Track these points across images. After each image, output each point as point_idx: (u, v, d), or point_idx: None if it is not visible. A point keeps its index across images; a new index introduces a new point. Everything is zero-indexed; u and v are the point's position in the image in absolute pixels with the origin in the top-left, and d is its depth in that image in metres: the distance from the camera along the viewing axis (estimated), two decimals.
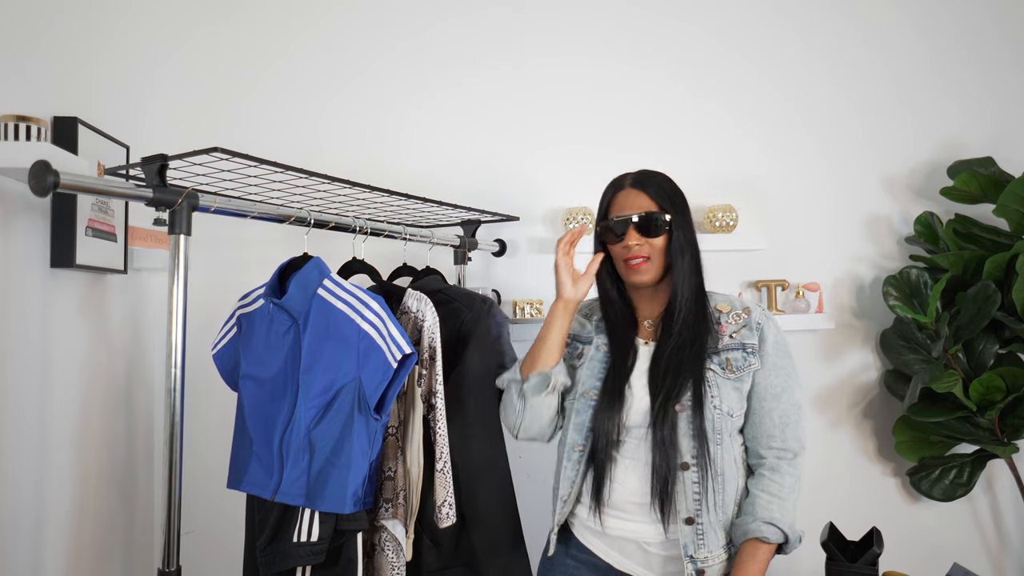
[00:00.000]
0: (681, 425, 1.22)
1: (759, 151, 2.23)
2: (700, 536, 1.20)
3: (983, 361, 2.02)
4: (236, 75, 2.04)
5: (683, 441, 1.21)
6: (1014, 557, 2.22)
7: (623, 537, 1.26)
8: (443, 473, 1.36)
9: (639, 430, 1.25)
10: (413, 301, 1.43)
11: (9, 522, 1.31)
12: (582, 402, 1.30)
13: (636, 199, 1.31)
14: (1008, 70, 2.31)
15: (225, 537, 1.66)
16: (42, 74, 1.46)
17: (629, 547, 1.26)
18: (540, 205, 2.16)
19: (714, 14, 2.24)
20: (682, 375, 1.24)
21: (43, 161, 0.96)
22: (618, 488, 1.25)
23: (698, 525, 1.20)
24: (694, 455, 1.21)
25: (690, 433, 1.21)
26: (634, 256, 1.29)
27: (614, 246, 1.33)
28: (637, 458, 1.25)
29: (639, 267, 1.29)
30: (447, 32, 2.15)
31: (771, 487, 1.25)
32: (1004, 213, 2.01)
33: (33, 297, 1.38)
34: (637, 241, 1.28)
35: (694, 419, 1.22)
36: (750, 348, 1.29)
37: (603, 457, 1.25)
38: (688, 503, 1.20)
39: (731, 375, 1.26)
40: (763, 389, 1.28)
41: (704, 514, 1.20)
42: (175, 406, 1.12)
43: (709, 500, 1.21)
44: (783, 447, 1.27)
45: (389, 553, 1.34)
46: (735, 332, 1.30)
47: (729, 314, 1.32)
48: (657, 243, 1.29)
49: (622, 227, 1.30)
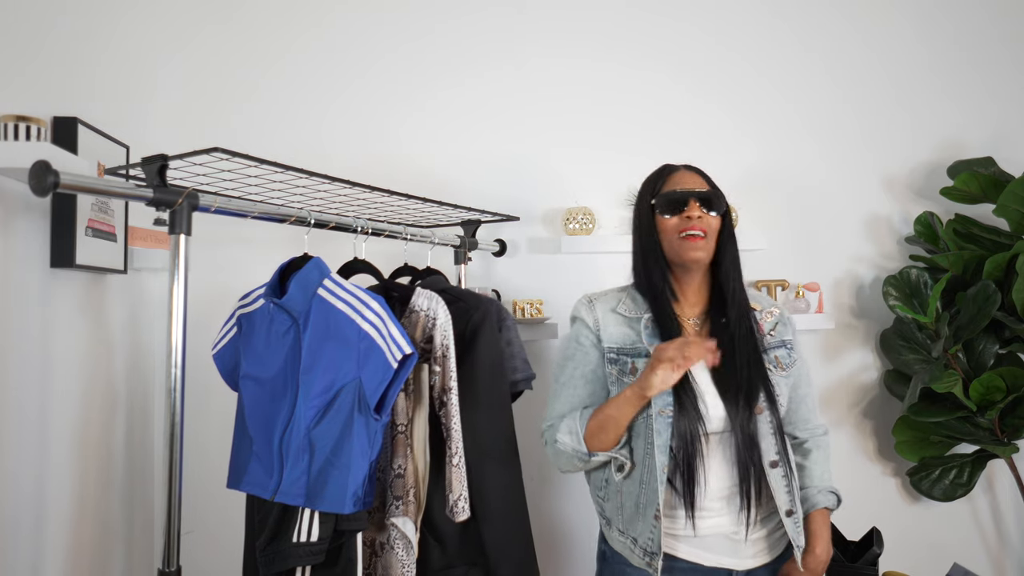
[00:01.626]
0: (762, 426, 1.25)
1: (759, 151, 2.23)
2: (798, 525, 1.26)
3: (983, 361, 2.02)
4: (237, 75, 2.04)
5: (765, 442, 1.25)
6: (1014, 557, 2.22)
7: (711, 533, 1.25)
8: (458, 468, 1.37)
9: (718, 434, 1.26)
10: (424, 300, 1.43)
11: (9, 521, 1.31)
12: (660, 421, 1.23)
13: (693, 179, 1.32)
14: (1007, 70, 2.31)
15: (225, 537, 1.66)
16: (42, 74, 1.46)
17: (717, 541, 1.26)
18: (540, 205, 2.16)
19: (714, 16, 2.24)
20: (753, 377, 1.26)
21: (43, 161, 0.96)
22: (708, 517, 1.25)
23: (795, 516, 1.25)
24: (778, 452, 1.25)
25: (771, 432, 1.26)
26: (694, 228, 1.26)
27: (669, 220, 1.29)
28: (716, 457, 1.26)
29: (697, 242, 1.27)
30: (449, 33, 2.16)
31: (821, 460, 1.39)
32: (1004, 213, 2.01)
33: (33, 297, 1.38)
34: (699, 213, 1.27)
35: (772, 418, 1.26)
36: (790, 344, 1.37)
37: (693, 468, 1.23)
38: (784, 497, 1.25)
39: (783, 373, 1.32)
40: (798, 378, 1.38)
41: (796, 503, 1.26)
42: (175, 406, 1.12)
43: (795, 491, 1.27)
44: (817, 425, 1.43)
45: (399, 551, 1.34)
46: (772, 330, 1.36)
47: (762, 312, 1.37)
48: (714, 224, 1.30)
49: (684, 198, 1.28)
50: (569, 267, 2.15)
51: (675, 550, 1.26)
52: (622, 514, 1.29)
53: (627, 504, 1.28)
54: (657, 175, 1.36)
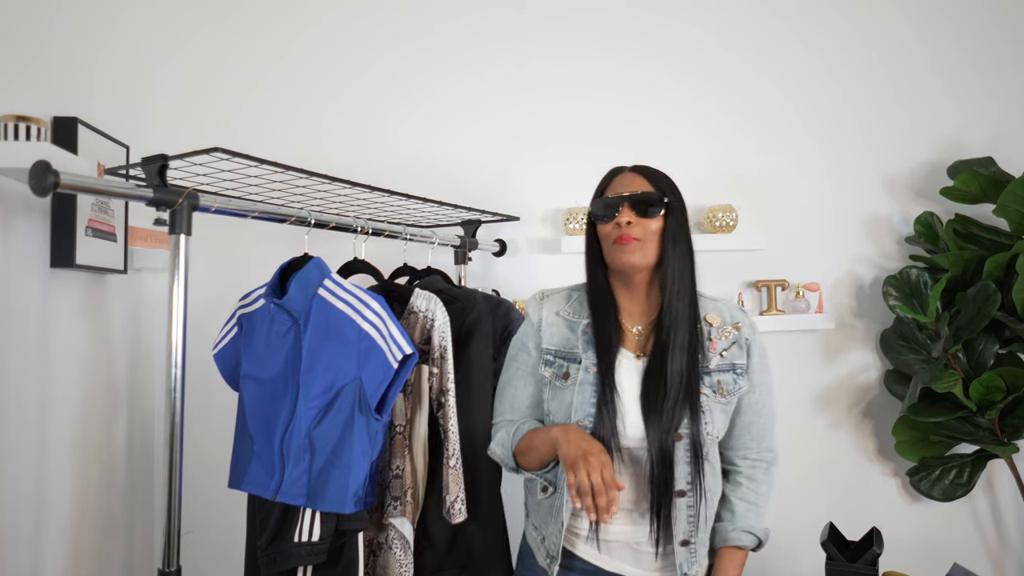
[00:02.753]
0: (678, 453, 1.20)
1: (759, 151, 2.23)
2: (693, 554, 1.23)
3: (983, 361, 2.02)
4: (237, 75, 2.04)
5: (679, 469, 1.20)
6: (1014, 557, 2.22)
7: (613, 540, 1.25)
8: (455, 469, 1.37)
9: (631, 451, 1.23)
10: (422, 301, 1.43)
11: (9, 522, 1.31)
12: None
13: (633, 181, 1.25)
14: (1008, 70, 2.31)
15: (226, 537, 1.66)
16: (42, 74, 1.46)
17: (619, 548, 1.26)
18: (540, 205, 2.16)
19: (714, 15, 2.24)
20: (679, 403, 1.19)
21: (43, 161, 0.96)
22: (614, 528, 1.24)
23: (692, 546, 1.22)
24: (689, 481, 1.20)
25: (686, 460, 1.20)
26: (625, 235, 1.20)
27: (605, 226, 1.24)
28: (628, 471, 1.23)
29: (626, 244, 1.20)
30: (449, 33, 2.15)
31: (748, 495, 1.30)
32: (1004, 213, 2.01)
33: (33, 297, 1.38)
34: (629, 218, 1.21)
35: (691, 447, 1.20)
36: (740, 369, 1.26)
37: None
38: (683, 527, 1.21)
39: (721, 399, 1.24)
40: (745, 405, 1.28)
41: (697, 534, 1.22)
42: (175, 406, 1.12)
43: (701, 520, 1.22)
44: (759, 457, 1.31)
45: (397, 551, 1.34)
46: (725, 350, 1.26)
47: (719, 328, 1.27)
48: (651, 225, 1.21)
49: (615, 204, 1.22)
50: (569, 267, 2.14)
51: (576, 549, 1.27)
52: (538, 511, 1.30)
53: (543, 503, 1.28)
54: (603, 179, 1.31)
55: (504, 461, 1.30)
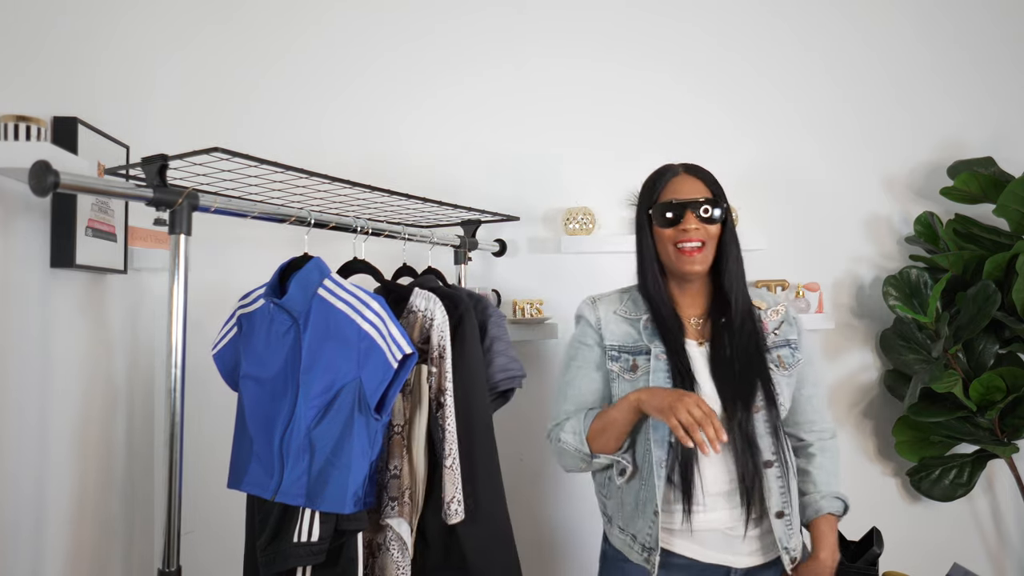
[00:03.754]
0: (758, 425, 1.25)
1: (759, 151, 2.23)
2: (789, 527, 1.25)
3: (983, 361, 2.02)
4: (237, 75, 2.04)
5: (763, 440, 1.24)
6: (1014, 557, 2.22)
7: (707, 529, 1.25)
8: (452, 470, 1.36)
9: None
10: (421, 300, 1.43)
11: (9, 522, 1.31)
12: None
13: (693, 185, 1.30)
14: (1008, 70, 2.31)
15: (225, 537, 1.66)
16: (42, 74, 1.46)
17: (713, 537, 1.26)
18: (540, 205, 2.16)
19: (714, 15, 2.24)
20: (751, 376, 1.26)
21: (43, 161, 0.96)
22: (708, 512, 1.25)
23: (787, 518, 1.25)
24: (774, 452, 1.25)
25: (768, 432, 1.25)
26: (691, 240, 1.25)
27: (665, 230, 1.28)
28: (720, 476, 1.25)
29: (694, 255, 1.26)
30: (449, 32, 2.15)
31: (826, 464, 1.37)
32: (1004, 213, 2.01)
33: (33, 297, 1.38)
34: (696, 225, 1.25)
35: (769, 418, 1.25)
36: (793, 343, 1.35)
37: (689, 465, 1.23)
38: (776, 498, 1.24)
39: (785, 372, 1.31)
40: (803, 378, 1.36)
41: (790, 504, 1.25)
42: (175, 406, 1.12)
43: (792, 493, 1.27)
44: (823, 428, 1.39)
45: (394, 552, 1.34)
46: (777, 328, 1.35)
47: (767, 311, 1.36)
48: (713, 231, 1.28)
49: (680, 210, 1.26)
50: (569, 267, 2.15)
51: (672, 545, 1.26)
52: (622, 511, 1.30)
53: (627, 501, 1.29)
54: (655, 178, 1.33)
55: (578, 448, 1.28)
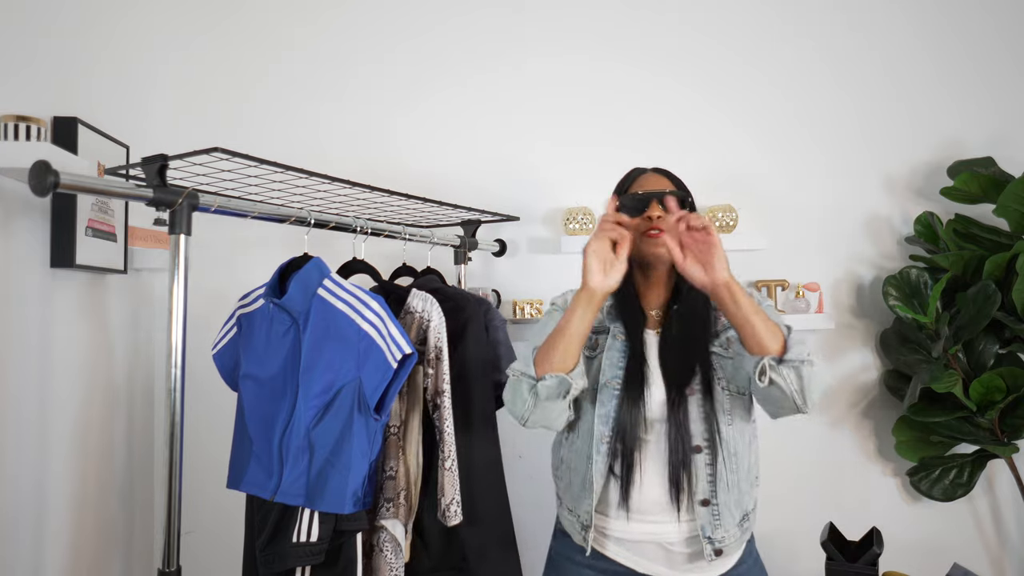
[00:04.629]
0: (692, 410, 1.25)
1: (759, 151, 2.23)
2: (716, 517, 1.23)
3: (983, 361, 2.02)
4: (236, 75, 2.04)
5: (694, 425, 1.24)
6: (1014, 557, 2.22)
7: (645, 540, 1.26)
8: (451, 471, 1.37)
9: (660, 424, 1.26)
10: (418, 301, 1.44)
11: (9, 522, 1.31)
12: (606, 392, 1.27)
13: (659, 181, 1.35)
14: (1008, 70, 2.31)
15: (225, 537, 1.66)
16: (42, 74, 1.46)
17: (651, 549, 1.26)
18: (540, 205, 2.16)
19: (714, 15, 2.24)
20: (689, 359, 1.26)
21: (43, 161, 0.96)
22: (644, 491, 1.25)
23: (713, 506, 1.23)
24: (705, 438, 1.24)
25: (700, 416, 1.25)
26: (654, 227, 1.27)
27: (632, 220, 1.29)
28: (658, 459, 1.25)
29: (657, 238, 1.27)
30: (448, 33, 2.16)
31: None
32: (1004, 213, 2.01)
33: (33, 297, 1.38)
34: (659, 213, 1.28)
35: (704, 402, 1.25)
36: None
37: (629, 458, 1.25)
38: (702, 485, 1.23)
39: (729, 353, 1.29)
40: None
41: (718, 495, 1.24)
42: (175, 406, 1.12)
43: (722, 481, 1.24)
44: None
45: (388, 553, 1.34)
46: None
47: None
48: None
49: (645, 200, 1.30)
50: (569, 267, 2.14)
51: (606, 550, 1.28)
52: (570, 492, 1.32)
53: (574, 482, 1.31)
54: (626, 178, 1.39)
55: (523, 372, 1.23)
